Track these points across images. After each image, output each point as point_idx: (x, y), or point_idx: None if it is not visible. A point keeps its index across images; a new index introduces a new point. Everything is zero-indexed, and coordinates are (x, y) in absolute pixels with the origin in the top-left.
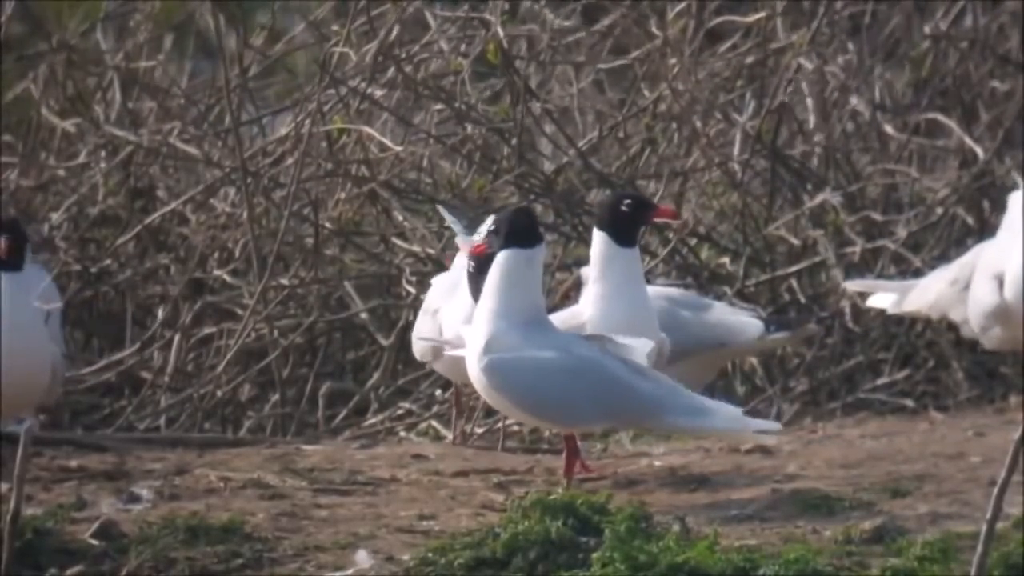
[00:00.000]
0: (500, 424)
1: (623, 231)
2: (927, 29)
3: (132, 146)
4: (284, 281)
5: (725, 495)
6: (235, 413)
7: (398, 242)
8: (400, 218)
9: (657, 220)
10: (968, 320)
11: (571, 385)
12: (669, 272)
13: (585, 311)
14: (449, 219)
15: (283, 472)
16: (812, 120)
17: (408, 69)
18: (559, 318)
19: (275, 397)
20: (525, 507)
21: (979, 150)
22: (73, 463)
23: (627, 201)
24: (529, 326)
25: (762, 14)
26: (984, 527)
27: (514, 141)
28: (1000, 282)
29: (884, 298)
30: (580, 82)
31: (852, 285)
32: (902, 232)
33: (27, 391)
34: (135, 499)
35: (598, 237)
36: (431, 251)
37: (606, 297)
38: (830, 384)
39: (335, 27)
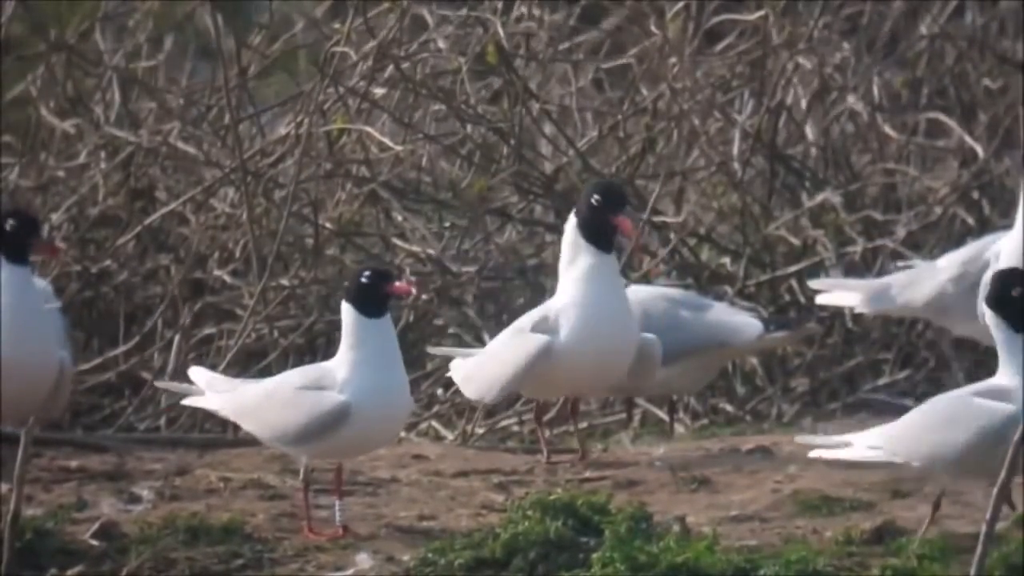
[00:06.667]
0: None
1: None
2: (924, 28)
3: (132, 146)
4: (284, 281)
5: (725, 495)
6: None
7: (398, 242)
8: (400, 218)
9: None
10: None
11: None
12: (669, 272)
13: None
14: None
15: (283, 472)
16: (810, 119)
17: (407, 67)
18: None
19: None
20: (525, 507)
21: (979, 149)
22: (73, 463)
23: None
24: None
25: (763, 12)
26: (984, 527)
27: (513, 141)
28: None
29: (846, 296)
30: (579, 81)
31: (815, 284)
32: (902, 231)
33: (30, 390)
34: (135, 499)
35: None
36: (431, 251)
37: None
38: (831, 384)
39: (336, 24)
